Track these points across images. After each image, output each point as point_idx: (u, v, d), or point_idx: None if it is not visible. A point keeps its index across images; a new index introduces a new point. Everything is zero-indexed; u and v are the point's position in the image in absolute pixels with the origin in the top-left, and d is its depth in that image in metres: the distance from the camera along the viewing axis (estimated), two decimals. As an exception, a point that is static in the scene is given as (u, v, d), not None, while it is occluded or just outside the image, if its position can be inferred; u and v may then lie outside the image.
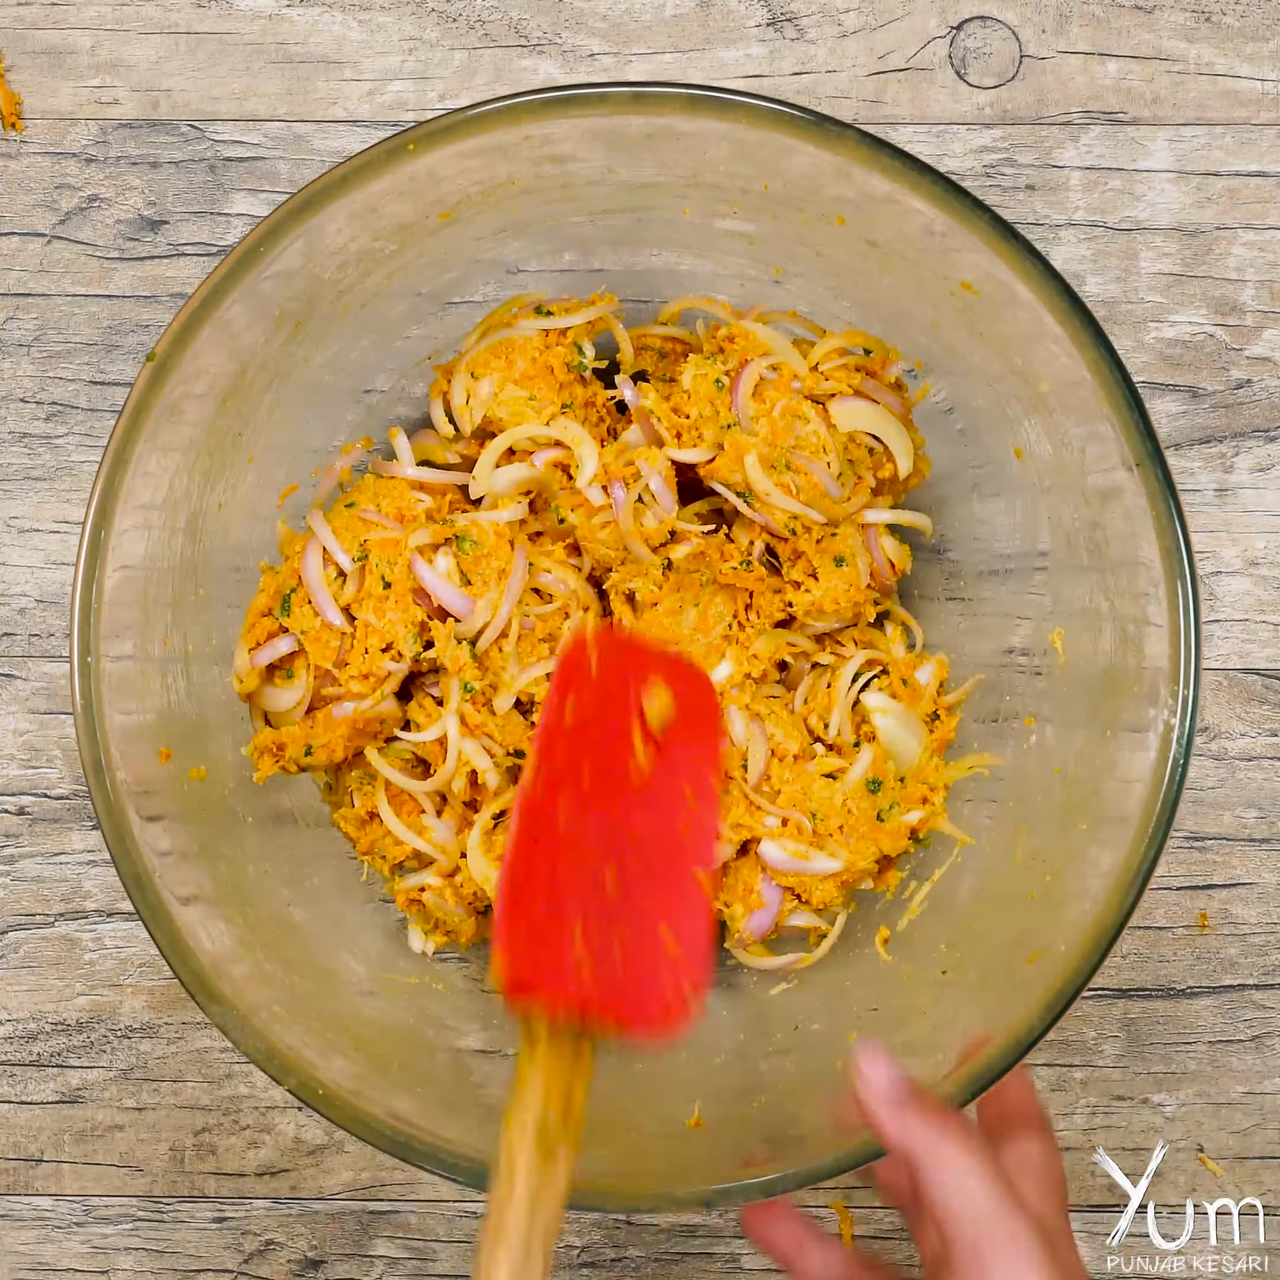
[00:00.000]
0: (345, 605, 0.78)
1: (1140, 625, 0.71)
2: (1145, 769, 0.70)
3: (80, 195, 0.90)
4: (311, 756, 0.79)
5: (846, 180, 0.71)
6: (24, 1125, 0.90)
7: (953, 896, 0.81)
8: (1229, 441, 0.90)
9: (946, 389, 0.82)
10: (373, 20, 0.91)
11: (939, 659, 0.84)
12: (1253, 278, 0.90)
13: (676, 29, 0.91)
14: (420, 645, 0.79)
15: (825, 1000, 0.83)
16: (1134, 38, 0.91)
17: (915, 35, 0.91)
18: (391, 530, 0.79)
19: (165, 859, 0.72)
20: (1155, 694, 0.70)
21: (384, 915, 0.85)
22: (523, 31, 0.91)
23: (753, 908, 0.81)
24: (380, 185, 0.71)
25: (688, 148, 0.73)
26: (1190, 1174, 0.90)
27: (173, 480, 0.74)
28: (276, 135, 0.90)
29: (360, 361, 0.83)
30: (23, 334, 0.90)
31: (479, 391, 0.81)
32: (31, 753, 0.90)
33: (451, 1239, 0.90)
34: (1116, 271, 0.90)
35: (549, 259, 0.85)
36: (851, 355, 0.81)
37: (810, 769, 0.81)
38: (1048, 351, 0.71)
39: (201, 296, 0.71)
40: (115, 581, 0.71)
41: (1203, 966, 0.90)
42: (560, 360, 0.81)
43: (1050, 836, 0.76)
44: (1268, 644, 0.90)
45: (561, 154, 0.74)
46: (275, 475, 0.81)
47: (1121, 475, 0.70)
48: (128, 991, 0.90)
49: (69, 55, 0.91)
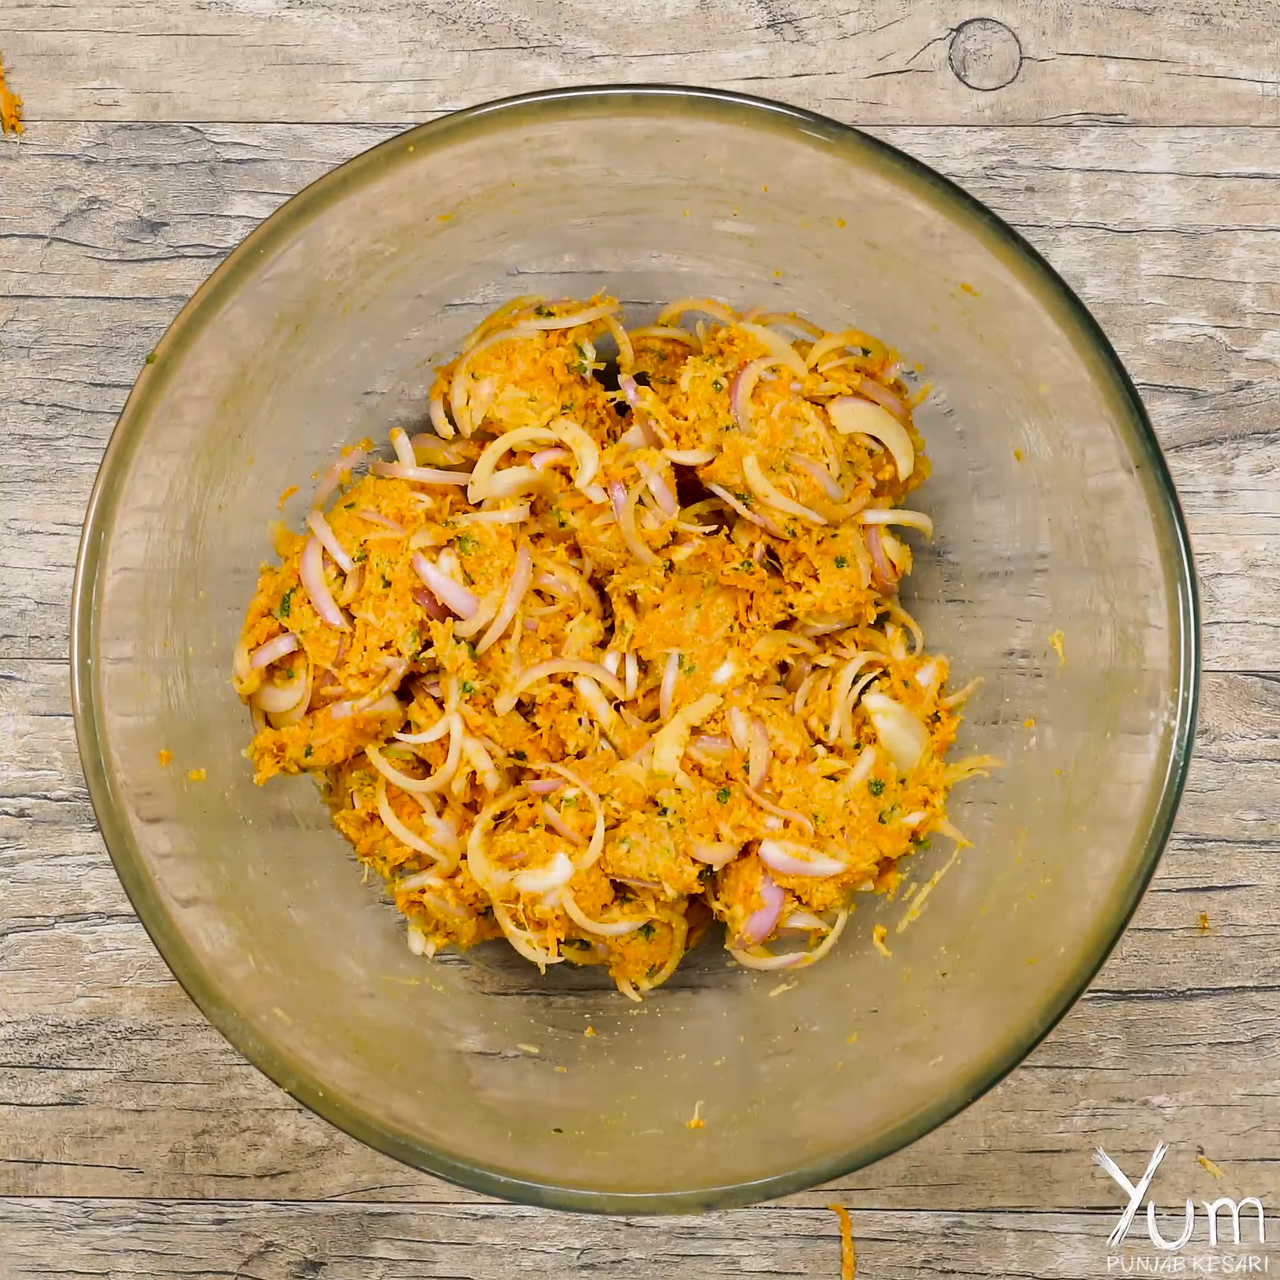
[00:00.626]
0: (345, 605, 0.78)
1: (1140, 627, 0.71)
2: (1145, 771, 0.70)
3: (80, 197, 0.90)
4: (312, 757, 0.79)
5: (846, 182, 0.71)
6: (24, 1127, 0.90)
7: (953, 898, 0.81)
8: (1229, 443, 0.90)
9: (946, 391, 0.82)
10: (373, 22, 0.91)
11: (939, 660, 0.84)
12: (1252, 279, 0.90)
13: (676, 31, 0.91)
14: (419, 644, 0.79)
15: (825, 1001, 0.83)
16: (1134, 40, 0.91)
17: (915, 37, 0.91)
18: (392, 530, 0.79)
19: (165, 861, 0.72)
20: (1155, 696, 0.70)
21: (384, 917, 0.85)
22: (523, 33, 0.91)
23: (753, 909, 0.81)
24: (380, 187, 0.71)
25: (688, 150, 0.73)
26: (1190, 1175, 0.90)
27: (173, 482, 0.74)
28: (276, 137, 0.91)
29: (360, 363, 0.83)
30: (23, 336, 0.90)
31: (479, 392, 0.81)
32: (32, 755, 0.90)
33: (451, 1241, 0.90)
34: (1116, 273, 0.90)
35: (549, 261, 0.85)
36: (850, 356, 0.81)
37: (811, 770, 0.81)
38: (1048, 353, 0.71)
39: (201, 298, 0.71)
40: (115, 583, 0.71)
41: (1203, 968, 0.90)
42: (560, 361, 0.81)
43: (1050, 838, 0.76)
44: (1267, 646, 0.90)
45: (561, 156, 0.74)
46: (275, 477, 0.81)
47: (1121, 477, 0.70)
48: (128, 993, 0.90)
49: (69, 57, 0.91)
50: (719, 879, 0.82)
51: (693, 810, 0.79)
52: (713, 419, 0.78)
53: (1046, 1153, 0.90)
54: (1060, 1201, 0.90)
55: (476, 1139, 0.71)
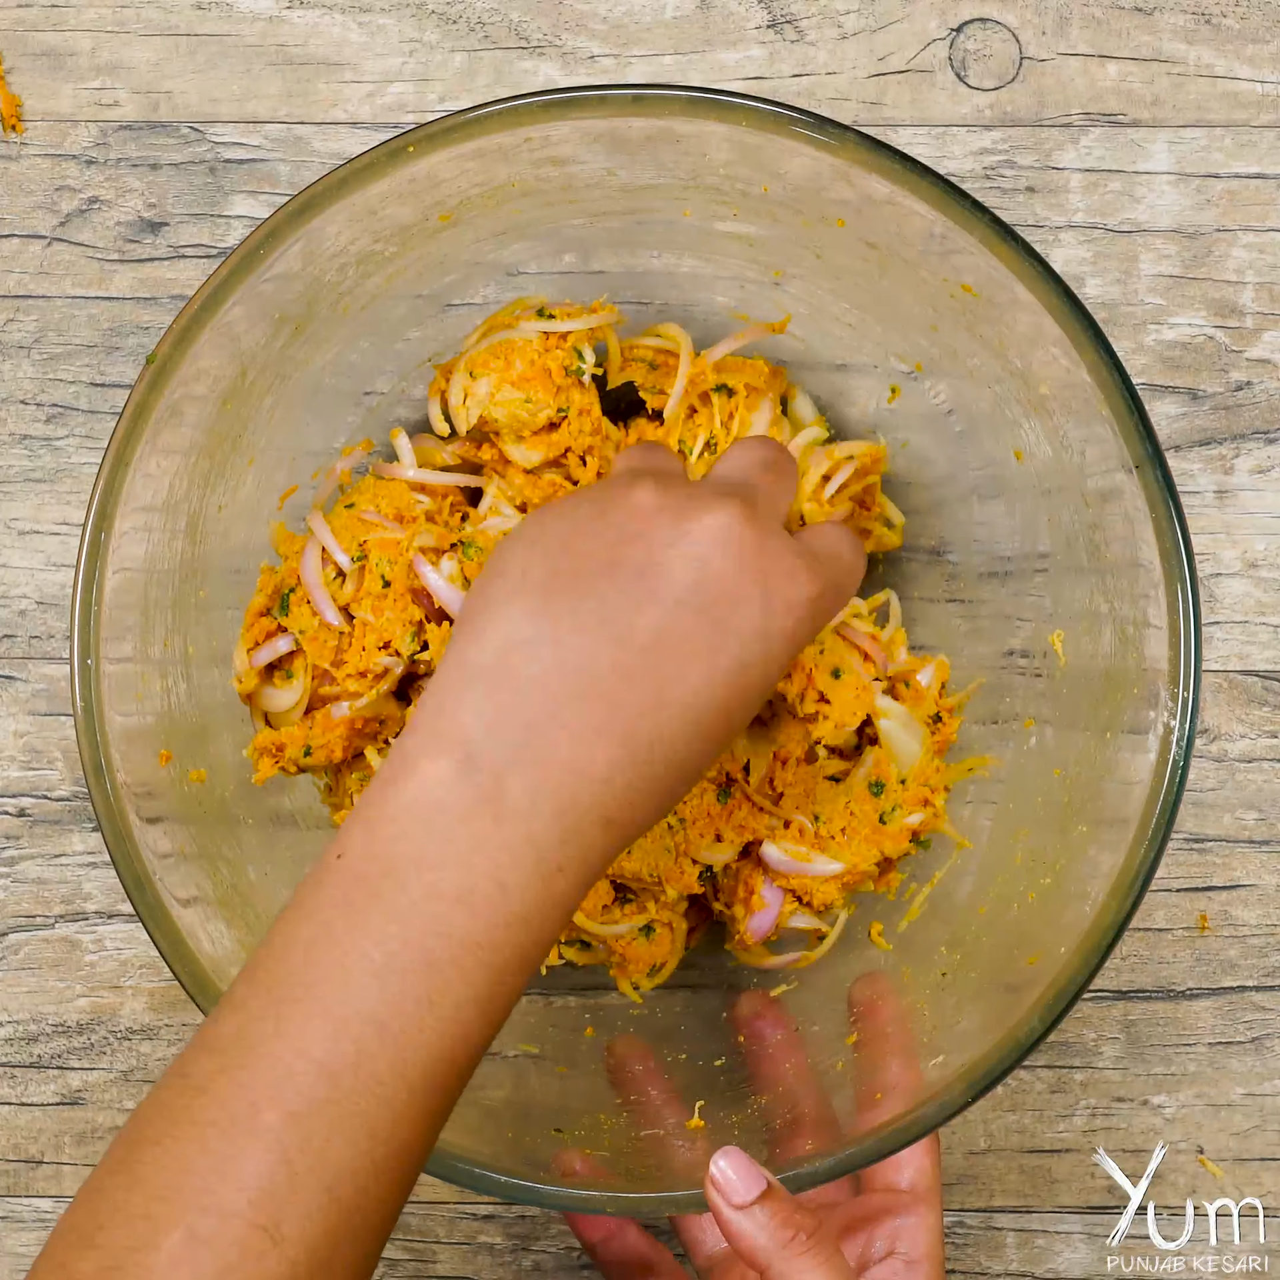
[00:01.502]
0: (344, 605, 0.78)
1: (1140, 627, 0.71)
2: (1145, 771, 0.70)
3: (80, 197, 0.90)
4: (311, 757, 0.79)
5: (846, 182, 0.71)
6: (24, 1127, 0.90)
7: (952, 898, 0.81)
8: (1229, 443, 0.90)
9: (946, 391, 0.82)
10: (373, 22, 0.91)
11: (940, 661, 0.84)
12: (1252, 280, 0.90)
13: (676, 31, 0.91)
14: (418, 645, 0.79)
15: (825, 1001, 0.83)
16: (1134, 40, 0.91)
17: (915, 37, 0.91)
18: (391, 531, 0.79)
19: (165, 861, 0.72)
20: (1155, 696, 0.70)
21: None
22: (523, 34, 0.91)
23: (754, 909, 0.81)
24: (380, 187, 0.71)
25: (688, 150, 0.73)
26: (1190, 1175, 0.90)
27: (173, 482, 0.74)
28: (276, 137, 0.91)
29: (360, 364, 0.83)
30: (23, 336, 0.90)
31: (476, 391, 0.81)
32: (32, 754, 0.90)
33: (452, 1240, 0.90)
34: (1116, 274, 0.90)
35: (549, 261, 0.85)
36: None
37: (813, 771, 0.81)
38: (1048, 354, 0.71)
39: (202, 299, 0.71)
40: (115, 583, 0.71)
41: (1203, 968, 0.90)
42: (559, 364, 0.81)
43: (1050, 838, 0.76)
44: (1268, 646, 0.90)
45: (561, 156, 0.74)
46: (275, 477, 0.81)
47: (1121, 477, 0.70)
48: (128, 993, 0.90)
49: (69, 57, 0.91)
50: (719, 879, 0.82)
51: (693, 811, 0.79)
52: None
53: (1046, 1153, 0.90)
54: (1060, 1201, 0.90)
55: (476, 1139, 0.71)
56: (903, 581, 0.87)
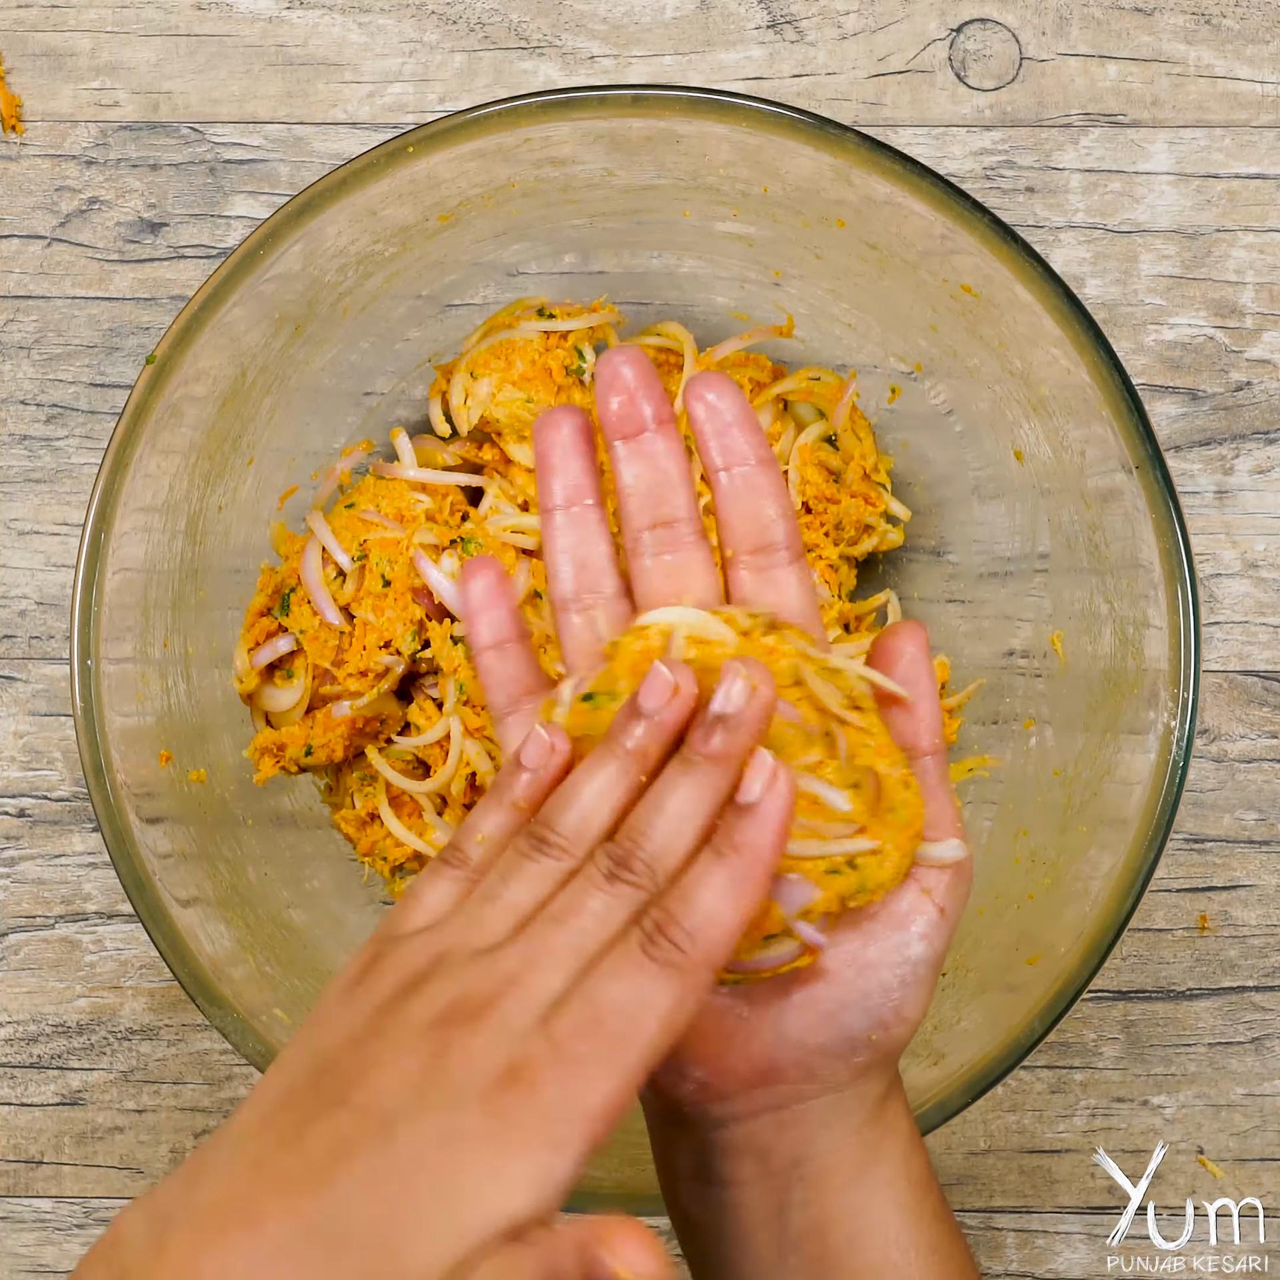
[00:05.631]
0: (344, 604, 0.78)
1: (1140, 627, 0.72)
2: (1145, 771, 0.70)
3: (80, 198, 0.90)
4: (311, 757, 0.79)
5: (846, 183, 0.72)
6: (24, 1127, 0.90)
7: (953, 898, 0.81)
8: (1229, 444, 0.90)
9: (946, 391, 0.82)
10: (373, 23, 0.91)
11: (940, 661, 0.85)
12: (1252, 280, 0.90)
13: (676, 31, 0.91)
14: (418, 644, 0.79)
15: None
16: (1134, 40, 0.91)
17: (915, 37, 0.91)
18: (392, 530, 0.79)
19: (165, 861, 0.72)
20: (1155, 696, 0.70)
21: (384, 917, 0.85)
22: (523, 34, 0.91)
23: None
24: (380, 188, 0.71)
25: (687, 150, 0.73)
26: (1190, 1175, 0.90)
27: (173, 482, 0.74)
28: (276, 137, 0.91)
29: (360, 364, 0.83)
30: (23, 336, 0.90)
31: (477, 391, 0.81)
32: (32, 755, 0.90)
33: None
34: (1116, 274, 0.90)
35: (549, 261, 0.85)
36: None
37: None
38: (1047, 354, 0.71)
39: (201, 299, 0.71)
40: (115, 584, 0.71)
41: (1202, 968, 0.90)
42: (559, 363, 0.81)
43: (1050, 838, 0.76)
44: (1267, 646, 0.90)
45: (561, 156, 0.74)
46: (275, 478, 0.81)
47: (1121, 477, 0.70)
48: (128, 993, 0.90)
49: (69, 58, 0.91)
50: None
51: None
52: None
53: (1046, 1153, 0.90)
54: (1060, 1201, 0.90)
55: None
56: (903, 581, 0.87)
